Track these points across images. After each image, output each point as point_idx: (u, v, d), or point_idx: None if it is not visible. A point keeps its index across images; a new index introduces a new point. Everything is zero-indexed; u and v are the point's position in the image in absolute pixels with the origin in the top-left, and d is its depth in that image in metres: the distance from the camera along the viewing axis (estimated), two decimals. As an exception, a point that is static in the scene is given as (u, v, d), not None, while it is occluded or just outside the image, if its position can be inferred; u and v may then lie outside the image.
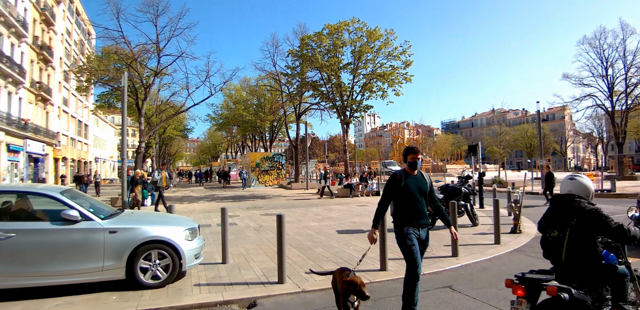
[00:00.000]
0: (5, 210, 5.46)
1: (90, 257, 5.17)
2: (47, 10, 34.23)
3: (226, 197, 22.06)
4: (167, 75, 22.92)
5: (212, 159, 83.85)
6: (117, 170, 72.19)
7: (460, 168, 45.24)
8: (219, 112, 45.99)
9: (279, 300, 4.98)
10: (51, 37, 36.95)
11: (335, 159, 74.24)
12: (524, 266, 6.43)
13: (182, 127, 53.28)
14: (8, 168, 27.13)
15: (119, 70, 20.62)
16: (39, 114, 33.92)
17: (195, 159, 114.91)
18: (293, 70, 25.06)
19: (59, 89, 39.68)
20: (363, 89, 23.49)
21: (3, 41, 26.29)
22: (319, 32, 23.38)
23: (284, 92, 30.61)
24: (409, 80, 23.12)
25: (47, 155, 35.15)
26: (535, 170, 33.69)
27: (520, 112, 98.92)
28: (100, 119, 61.42)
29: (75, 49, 47.26)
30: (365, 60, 23.28)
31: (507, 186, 21.35)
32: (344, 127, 24.87)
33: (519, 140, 71.13)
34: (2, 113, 25.72)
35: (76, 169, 44.55)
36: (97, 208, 5.90)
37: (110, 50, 21.85)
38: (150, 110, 30.40)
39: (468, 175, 11.25)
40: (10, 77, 26.57)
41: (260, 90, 36.71)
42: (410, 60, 22.96)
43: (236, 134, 52.18)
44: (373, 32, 22.73)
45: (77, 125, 48.47)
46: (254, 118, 37.72)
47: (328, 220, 11.93)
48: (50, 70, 36.57)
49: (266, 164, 32.88)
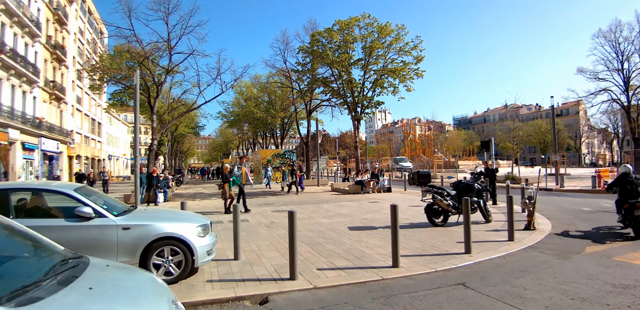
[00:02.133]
0: (20, 207, 5.54)
1: (104, 253, 5.21)
2: (59, 10, 34.58)
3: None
4: (179, 73, 23.03)
5: (224, 156, 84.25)
6: (130, 168, 73.01)
7: (473, 164, 44.87)
8: (230, 110, 46.23)
9: (291, 297, 4.98)
10: (64, 36, 37.36)
11: (346, 156, 74.09)
12: (538, 263, 6.35)
13: (194, 124, 53.61)
14: (23, 166, 27.56)
15: (131, 69, 20.75)
16: (53, 112, 34.38)
17: (207, 156, 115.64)
18: (304, 67, 25.04)
19: (72, 88, 40.15)
20: (374, 85, 23.38)
21: (17, 41, 26.64)
22: (329, 28, 23.30)
23: (295, 89, 30.58)
24: (421, 76, 22.97)
25: (62, 153, 35.64)
26: (549, 166, 33.25)
27: (534, 107, 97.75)
28: (113, 117, 62.10)
29: (88, 48, 47.73)
30: (376, 55, 23.16)
31: (520, 182, 21.12)
32: (355, 124, 24.80)
33: (533, 135, 70.36)
34: (17, 112, 26.10)
35: (90, 167, 45.15)
36: (111, 205, 5.96)
37: (123, 49, 22.00)
38: (162, 108, 30.63)
39: (481, 171, 11.14)
40: (25, 76, 26.93)
41: (271, 87, 36.75)
42: (422, 56, 22.81)
43: (247, 131, 52.34)
44: (384, 28, 22.59)
45: (91, 123, 49.03)
46: (265, 115, 37.80)
47: (339, 216, 11.91)
48: (64, 69, 37.00)
49: (277, 160, 32.92)
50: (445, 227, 9.57)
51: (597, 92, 33.62)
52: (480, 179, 10.75)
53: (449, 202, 9.68)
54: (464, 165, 45.08)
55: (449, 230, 9.13)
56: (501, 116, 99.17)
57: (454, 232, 8.90)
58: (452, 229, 9.34)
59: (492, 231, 9.01)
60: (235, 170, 13.89)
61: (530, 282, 5.39)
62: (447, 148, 72.74)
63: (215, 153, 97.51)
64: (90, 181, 27.87)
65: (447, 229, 9.31)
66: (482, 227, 9.55)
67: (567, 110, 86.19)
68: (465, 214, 6.94)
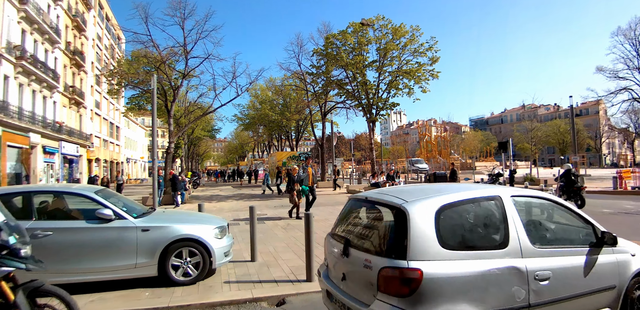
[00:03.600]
0: (42, 209, 5.68)
1: (124, 254, 5.33)
2: (78, 17, 35.32)
3: (254, 196, 22.28)
4: (195, 77, 23.25)
5: (239, 159, 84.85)
6: (147, 171, 74.02)
7: (490, 165, 44.36)
8: (246, 112, 46.59)
9: (308, 298, 5.00)
10: (83, 42, 38.14)
11: (362, 158, 73.89)
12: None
13: (210, 127, 54.09)
14: (44, 169, 28.17)
15: (149, 73, 21.03)
16: (73, 116, 35.09)
17: (223, 159, 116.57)
18: (318, 69, 25.10)
19: (91, 93, 40.95)
20: (389, 87, 23.30)
21: (37, 47, 27.29)
22: (343, 31, 23.33)
23: (310, 92, 30.68)
24: (436, 77, 22.83)
25: (81, 156, 36.34)
26: (569, 167, 32.65)
27: (552, 107, 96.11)
28: (131, 121, 63.10)
29: (106, 54, 48.64)
30: (390, 57, 23.09)
31: (539, 184, 20.78)
32: (370, 125, 24.74)
33: (551, 136, 69.20)
34: (38, 116, 26.72)
35: (109, 170, 45.92)
36: (130, 207, 6.08)
37: (140, 54, 22.34)
38: (178, 111, 30.98)
39: (499, 172, 11.03)
40: (45, 81, 27.57)
41: (286, 90, 36.92)
42: (437, 57, 22.66)
43: (262, 133, 52.69)
44: (398, 29, 22.51)
45: (109, 127, 49.91)
46: (280, 117, 37.99)
47: (355, 218, 11.87)
48: (83, 74, 37.76)
49: (292, 163, 33.01)
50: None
51: (617, 91, 33.04)
52: (498, 180, 10.64)
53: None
54: (481, 167, 44.57)
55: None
56: (519, 116, 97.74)
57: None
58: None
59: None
60: (301, 172, 12.93)
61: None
62: (464, 149, 71.99)
63: (231, 156, 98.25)
64: (104, 185, 28.06)
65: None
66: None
67: (586, 110, 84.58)
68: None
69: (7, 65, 22.92)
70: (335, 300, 3.48)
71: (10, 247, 3.14)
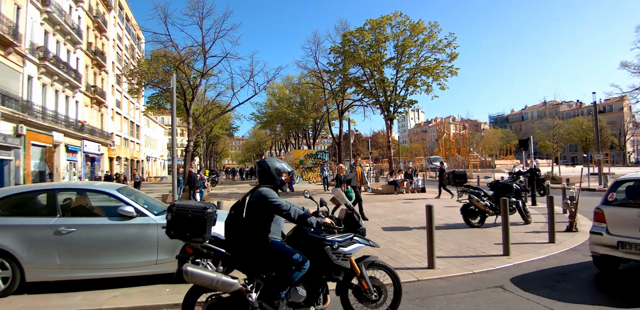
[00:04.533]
0: (66, 206, 5.80)
1: (145, 251, 5.41)
2: (99, 18, 35.95)
3: (271, 194, 22.32)
4: (213, 76, 23.42)
5: (257, 157, 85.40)
6: (167, 169, 75.04)
7: (510, 163, 43.65)
8: (263, 111, 46.88)
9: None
10: (103, 43, 38.81)
11: (379, 156, 73.55)
12: (582, 267, 6.12)
13: (228, 126, 54.59)
14: (67, 167, 28.80)
15: (168, 73, 21.29)
16: (94, 116, 35.77)
17: (241, 157, 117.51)
18: (335, 67, 25.04)
19: (112, 92, 41.66)
20: (407, 84, 23.11)
21: (60, 48, 27.86)
22: (360, 28, 23.21)
23: (327, 89, 30.63)
24: (455, 74, 22.54)
25: (103, 154, 37.04)
26: (592, 165, 31.95)
27: (575, 104, 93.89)
28: (150, 120, 64.07)
29: (126, 54, 49.40)
30: (408, 54, 22.89)
31: (561, 182, 20.37)
32: (388, 123, 24.59)
33: (574, 133, 67.71)
34: (61, 116, 27.31)
35: (129, 167, 46.70)
36: (151, 204, 6.16)
37: (159, 54, 22.62)
38: (197, 110, 31.30)
39: (519, 170, 10.82)
40: (68, 82, 28.15)
41: (303, 88, 36.97)
42: (456, 53, 22.38)
43: (280, 131, 52.92)
44: (416, 26, 22.30)
45: (130, 126, 50.72)
46: (297, 116, 38.09)
47: (373, 217, 11.85)
48: (104, 74, 38.44)
49: (310, 161, 33.06)
50: (482, 228, 9.36)
51: (643, 87, 32.01)
52: (519, 178, 10.44)
53: (486, 202, 9.46)
54: (501, 165, 43.90)
55: (486, 232, 8.92)
56: (540, 114, 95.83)
57: (491, 233, 8.69)
58: (489, 230, 9.12)
59: (531, 233, 8.74)
60: (348, 172, 11.70)
61: (573, 285, 5.20)
62: (483, 147, 71.04)
63: (248, 154, 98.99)
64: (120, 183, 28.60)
65: (484, 230, 9.10)
66: (521, 228, 9.28)
67: (610, 106, 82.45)
68: (504, 214, 6.76)
69: (31, 66, 23.47)
70: None
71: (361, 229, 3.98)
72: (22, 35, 22.06)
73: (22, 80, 22.43)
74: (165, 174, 68.82)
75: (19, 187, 6.10)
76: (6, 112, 19.84)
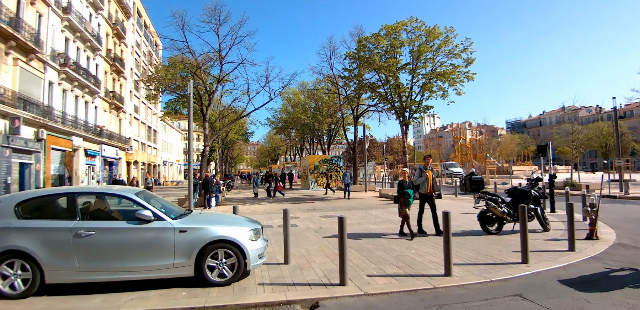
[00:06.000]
0: (85, 209, 5.89)
1: (162, 254, 5.47)
2: (118, 25, 36.69)
3: (286, 199, 22.41)
4: (229, 82, 23.62)
5: (272, 162, 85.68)
6: (183, 173, 75.79)
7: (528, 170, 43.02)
8: (278, 116, 47.06)
9: (341, 302, 4.95)
10: (122, 49, 39.57)
11: (394, 161, 73.17)
12: (602, 275, 5.97)
13: (244, 131, 54.90)
14: (86, 171, 29.30)
15: (185, 79, 21.55)
16: (113, 121, 36.39)
17: (256, 162, 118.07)
18: (350, 73, 25.03)
19: (130, 98, 42.38)
20: (422, 89, 22.96)
21: (80, 55, 28.49)
22: (376, 33, 23.18)
23: (342, 95, 30.65)
24: (471, 79, 22.33)
25: (120, 159, 37.61)
26: (613, 171, 31.26)
27: (594, 109, 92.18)
28: (167, 125, 64.88)
29: (144, 60, 50.26)
30: (424, 59, 22.76)
31: (580, 189, 19.97)
32: (403, 129, 24.43)
33: (593, 139, 66.30)
34: (80, 120, 27.86)
35: (145, 172, 47.28)
36: (168, 208, 6.23)
37: (176, 60, 22.94)
38: (213, 115, 31.60)
39: (538, 177, 10.64)
40: (87, 87, 28.73)
41: (318, 94, 37.02)
42: (472, 58, 22.17)
43: (295, 137, 53.01)
44: (432, 31, 22.19)
45: (147, 131, 51.46)
46: (312, 121, 38.16)
47: (388, 223, 11.76)
48: (122, 80, 39.14)
49: (324, 166, 33.05)
50: (500, 236, 9.21)
51: (665, 92, 31.29)
52: (537, 185, 10.25)
53: (504, 209, 9.31)
54: (519, 171, 43.28)
55: (503, 239, 8.78)
56: (558, 119, 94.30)
57: (509, 240, 8.55)
58: (507, 237, 8.97)
59: (550, 240, 8.57)
60: (417, 176, 9.99)
61: (594, 295, 5.06)
62: (500, 153, 70.12)
63: (263, 159, 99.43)
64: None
65: (502, 238, 8.95)
66: (540, 235, 9.10)
67: (630, 111, 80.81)
68: (522, 221, 6.65)
69: (52, 72, 24.03)
70: None
71: None
72: (43, 42, 22.62)
73: (43, 85, 22.97)
74: (181, 179, 69.50)
75: (39, 191, 6.22)
76: (27, 117, 20.31)
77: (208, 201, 17.87)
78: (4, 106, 18.37)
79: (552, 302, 4.81)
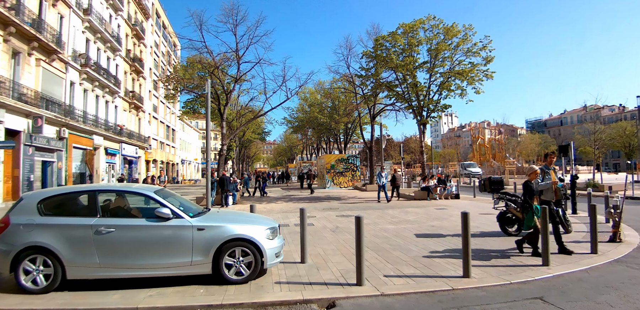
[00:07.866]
0: (106, 207, 6.00)
1: (180, 252, 5.53)
2: (137, 26, 37.26)
3: (303, 198, 22.44)
4: (246, 81, 23.72)
5: (288, 161, 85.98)
6: (201, 172, 76.58)
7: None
8: (295, 115, 47.17)
9: (358, 302, 4.92)
10: (142, 49, 40.16)
11: (411, 161, 72.68)
12: (625, 279, 5.81)
13: (260, 130, 55.21)
14: (106, 169, 29.85)
15: (203, 79, 21.71)
16: (132, 120, 36.98)
17: (272, 161, 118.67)
18: (367, 72, 24.90)
19: (149, 97, 43.02)
20: (440, 88, 22.70)
21: (100, 55, 29.01)
22: (393, 32, 23.00)
23: (358, 94, 30.54)
24: (490, 77, 21.98)
25: (140, 157, 38.22)
26: (636, 172, 30.48)
27: (617, 108, 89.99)
28: (185, 124, 65.62)
29: (163, 60, 50.93)
30: (442, 58, 22.49)
31: (603, 190, 19.49)
32: (420, 128, 24.22)
33: (616, 139, 64.76)
34: (101, 120, 28.38)
35: (164, 170, 47.89)
36: (186, 206, 6.30)
37: (194, 60, 23.13)
38: (231, 115, 31.82)
39: (560, 177, 10.43)
40: (108, 87, 29.25)
41: (335, 93, 36.96)
42: (492, 56, 21.81)
43: (311, 136, 53.09)
44: (450, 29, 21.90)
45: (166, 130, 52.16)
46: (329, 120, 38.13)
47: (405, 223, 11.67)
48: (142, 80, 39.75)
49: (341, 165, 32.98)
50: (519, 237, 9.05)
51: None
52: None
53: (524, 210, 9.13)
54: (539, 171, 42.39)
55: (523, 240, 8.62)
56: (580, 118, 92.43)
57: (529, 242, 8.39)
58: (526, 238, 8.81)
59: (572, 242, 8.37)
60: (541, 178, 7.98)
61: (617, 298, 4.93)
62: (520, 153, 69.04)
63: (280, 158, 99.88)
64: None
65: (522, 239, 8.79)
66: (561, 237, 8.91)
67: (655, 111, 78.66)
68: (543, 223, 6.51)
69: (73, 72, 24.51)
70: None
71: None
72: (65, 43, 23.08)
73: (64, 85, 23.45)
74: (199, 177, 70.22)
75: (61, 188, 6.34)
76: (50, 117, 20.76)
77: (225, 199, 17.99)
78: (27, 105, 18.81)
79: (573, 305, 4.70)
